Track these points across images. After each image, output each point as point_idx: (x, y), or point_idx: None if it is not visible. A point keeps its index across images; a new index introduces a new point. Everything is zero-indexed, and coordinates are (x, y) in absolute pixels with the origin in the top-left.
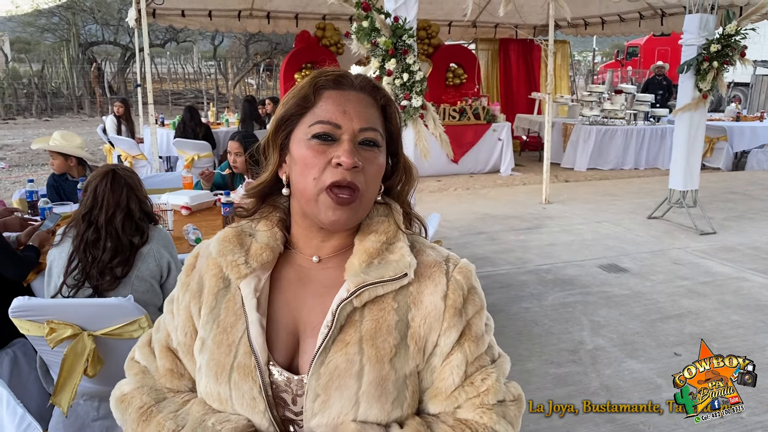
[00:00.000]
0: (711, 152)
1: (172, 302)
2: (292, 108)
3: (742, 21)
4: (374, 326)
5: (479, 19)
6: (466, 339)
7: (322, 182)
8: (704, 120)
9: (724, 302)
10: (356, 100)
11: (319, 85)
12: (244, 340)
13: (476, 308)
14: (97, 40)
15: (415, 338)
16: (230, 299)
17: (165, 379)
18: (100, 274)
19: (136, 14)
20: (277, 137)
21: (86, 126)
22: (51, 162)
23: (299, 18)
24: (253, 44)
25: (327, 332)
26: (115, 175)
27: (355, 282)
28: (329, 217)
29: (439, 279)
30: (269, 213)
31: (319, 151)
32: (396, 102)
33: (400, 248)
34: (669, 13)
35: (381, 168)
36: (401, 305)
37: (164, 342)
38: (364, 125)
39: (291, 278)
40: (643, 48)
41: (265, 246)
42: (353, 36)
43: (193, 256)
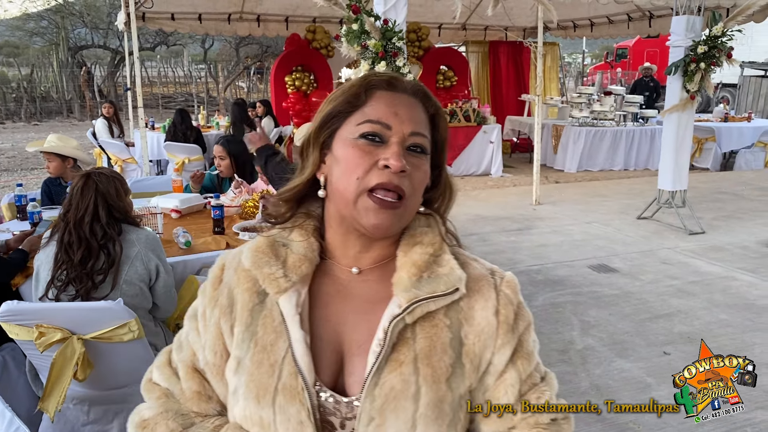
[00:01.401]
0: (699, 153)
1: (195, 318)
2: (341, 105)
3: (728, 22)
4: (428, 344)
5: (469, 22)
6: (519, 356)
7: (366, 183)
8: (692, 121)
9: (713, 301)
10: (408, 104)
11: (372, 84)
12: (288, 359)
13: (526, 323)
14: (86, 43)
15: (470, 356)
16: (267, 315)
17: (192, 402)
18: (77, 278)
19: (125, 18)
20: (319, 135)
21: (76, 130)
22: (47, 165)
23: (289, 21)
24: (244, 47)
25: (380, 351)
26: (88, 180)
27: (407, 297)
28: (371, 220)
29: (489, 293)
30: (303, 221)
31: (366, 152)
32: None
33: (447, 261)
34: (657, 15)
35: (426, 176)
36: (453, 322)
37: (189, 362)
38: (415, 129)
39: (330, 292)
40: (632, 50)
41: (303, 257)
42: (343, 39)
43: (219, 268)
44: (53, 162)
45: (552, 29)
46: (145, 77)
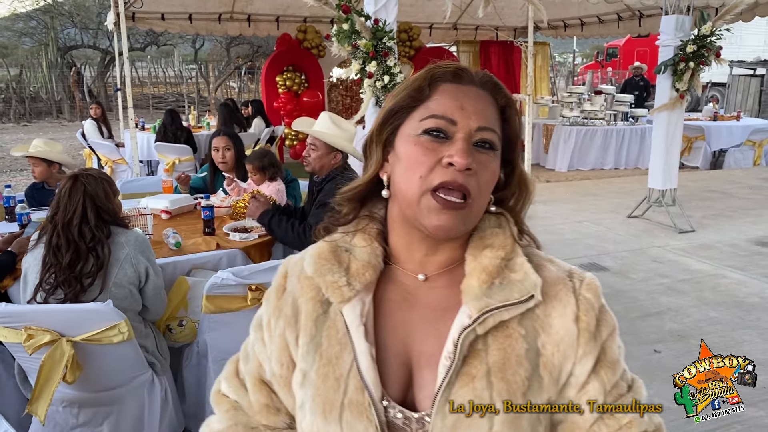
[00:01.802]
0: (689, 151)
1: (261, 328)
2: (404, 100)
3: (716, 22)
4: (502, 356)
5: (460, 22)
6: (602, 365)
7: (429, 182)
8: (682, 120)
9: (703, 299)
10: (475, 97)
11: (436, 76)
12: (354, 373)
13: (609, 330)
14: (76, 44)
15: (549, 368)
16: (331, 326)
17: (260, 415)
18: (65, 281)
19: (115, 18)
20: (382, 132)
21: (66, 131)
22: (33, 170)
23: (280, 21)
24: (235, 47)
25: (450, 364)
26: (76, 181)
27: (478, 306)
28: (433, 221)
29: (567, 299)
30: (366, 225)
31: (430, 149)
32: (377, 104)
33: (521, 265)
34: (647, 15)
35: (495, 175)
36: (528, 331)
37: (256, 373)
38: (483, 124)
39: (396, 299)
40: (623, 49)
41: (366, 264)
42: (333, 38)
43: (282, 276)
44: (39, 167)
45: (542, 29)
46: (136, 77)
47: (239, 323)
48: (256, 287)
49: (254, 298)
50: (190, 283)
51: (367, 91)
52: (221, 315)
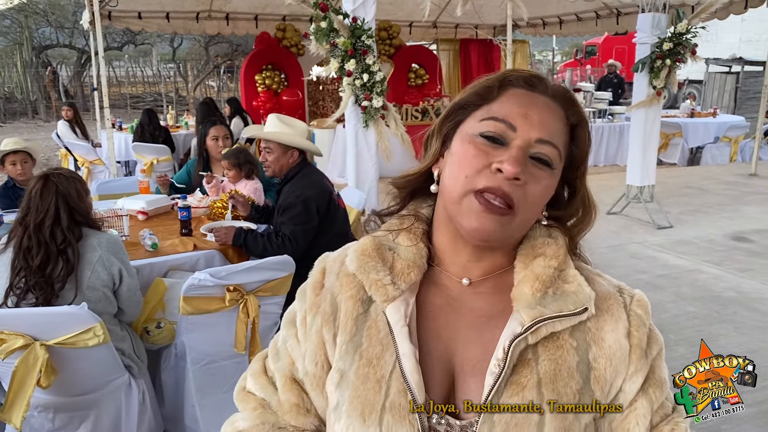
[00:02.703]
0: (667, 148)
1: (294, 325)
2: (470, 97)
3: (692, 19)
4: (553, 368)
5: (439, 20)
6: (651, 384)
7: (473, 184)
8: (659, 117)
9: (681, 294)
10: (543, 107)
11: (508, 79)
12: (396, 375)
13: (659, 348)
14: (51, 43)
15: (600, 383)
16: (372, 326)
17: (289, 415)
18: (36, 285)
19: (90, 17)
20: (444, 125)
21: (42, 131)
22: (19, 169)
23: (259, 19)
24: (213, 46)
25: (499, 372)
26: (47, 181)
27: (531, 315)
28: (471, 223)
29: (619, 314)
30: (411, 224)
31: (483, 151)
32: (357, 102)
33: (574, 276)
34: (624, 13)
35: (547, 192)
36: (580, 344)
37: (288, 371)
38: (544, 137)
39: (439, 303)
40: (602, 47)
41: (411, 264)
42: (312, 37)
43: (319, 272)
44: (27, 163)
45: (522, 27)
46: (113, 77)
47: (217, 324)
48: (234, 288)
49: (232, 299)
50: (167, 284)
51: (346, 89)
52: (199, 316)
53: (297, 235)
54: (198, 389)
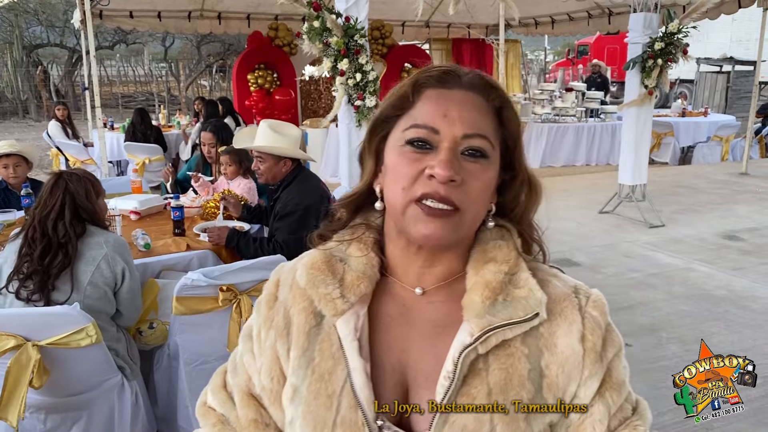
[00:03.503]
0: (658, 147)
1: (251, 339)
2: (388, 109)
3: (683, 19)
4: (504, 377)
5: (432, 19)
6: (607, 387)
7: (412, 193)
8: (651, 116)
9: (673, 293)
10: (462, 101)
11: (420, 82)
12: (347, 390)
13: (615, 349)
14: (42, 42)
15: (553, 390)
16: (324, 339)
17: (248, 430)
18: (35, 272)
19: (81, 16)
20: (371, 142)
21: (32, 131)
22: (12, 173)
23: (251, 18)
24: (206, 45)
25: (449, 384)
26: (59, 179)
27: (480, 325)
28: (420, 230)
29: (573, 316)
30: (362, 234)
31: (413, 159)
32: (350, 102)
33: (525, 280)
34: (616, 12)
35: (489, 184)
36: (532, 350)
37: (245, 387)
38: (469, 131)
39: (392, 314)
40: (593, 46)
41: (361, 275)
42: (304, 36)
43: (273, 284)
44: (20, 166)
45: (514, 27)
46: (105, 76)
47: (210, 324)
48: (227, 288)
49: (225, 299)
50: (160, 285)
51: (339, 89)
52: (192, 316)
53: (289, 243)
54: (191, 390)
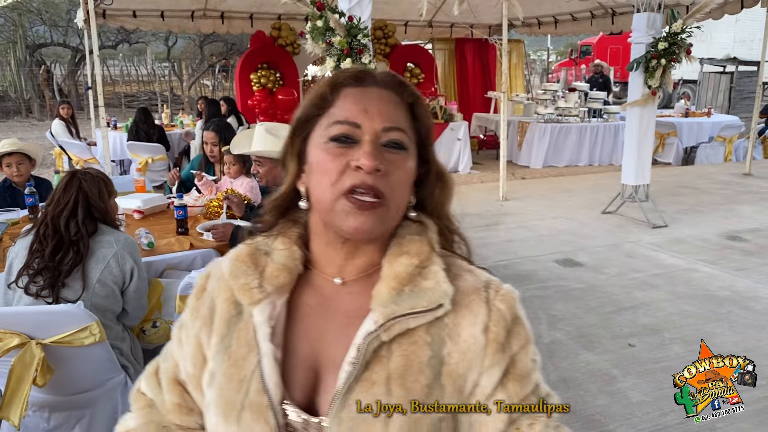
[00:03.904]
0: (662, 147)
1: (180, 328)
2: (309, 109)
3: (687, 19)
4: (404, 363)
5: (435, 19)
6: (510, 378)
7: (340, 186)
8: (654, 116)
9: (676, 293)
10: (378, 98)
11: (338, 82)
12: (257, 375)
13: (521, 342)
14: (45, 41)
15: (453, 377)
16: (243, 327)
17: (173, 414)
18: (45, 268)
19: (84, 15)
20: (293, 143)
21: (36, 130)
22: (15, 171)
23: (254, 18)
24: (208, 45)
25: (351, 370)
26: (73, 177)
27: (384, 313)
28: (350, 223)
29: (479, 309)
30: (287, 229)
31: (338, 154)
32: None
33: (434, 273)
34: (619, 12)
35: (409, 173)
36: (435, 339)
37: (172, 373)
38: (388, 124)
39: (311, 304)
40: (596, 47)
41: (282, 267)
42: (308, 35)
43: (204, 276)
44: (23, 164)
45: (517, 27)
46: (107, 76)
47: None
48: None
49: None
50: (163, 284)
51: None
52: None
53: None
54: None
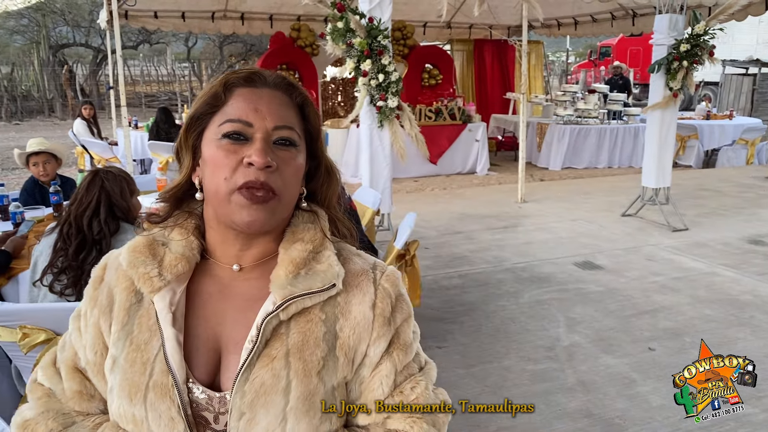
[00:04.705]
0: (683, 150)
1: (78, 318)
2: (203, 107)
3: (710, 21)
4: (301, 339)
5: (454, 20)
6: (395, 348)
7: (234, 183)
8: (675, 118)
9: (697, 297)
10: (269, 98)
11: (230, 82)
12: (160, 357)
13: (404, 316)
14: (68, 42)
15: (345, 349)
16: (144, 314)
17: (73, 401)
18: (69, 267)
19: (107, 16)
20: (188, 138)
21: (58, 129)
22: (41, 170)
23: (274, 19)
24: (228, 45)
25: (252, 348)
26: (95, 176)
27: (282, 294)
28: (244, 218)
29: (367, 288)
30: (184, 220)
31: (231, 151)
32: (372, 102)
33: (327, 257)
34: (640, 14)
35: (299, 169)
36: (329, 316)
37: (71, 362)
38: (279, 123)
39: (210, 291)
40: (616, 48)
41: (180, 256)
42: (328, 37)
43: (101, 267)
44: (50, 163)
45: (536, 28)
46: (128, 76)
47: None
48: None
49: None
50: None
51: (362, 89)
52: None
53: None
54: None
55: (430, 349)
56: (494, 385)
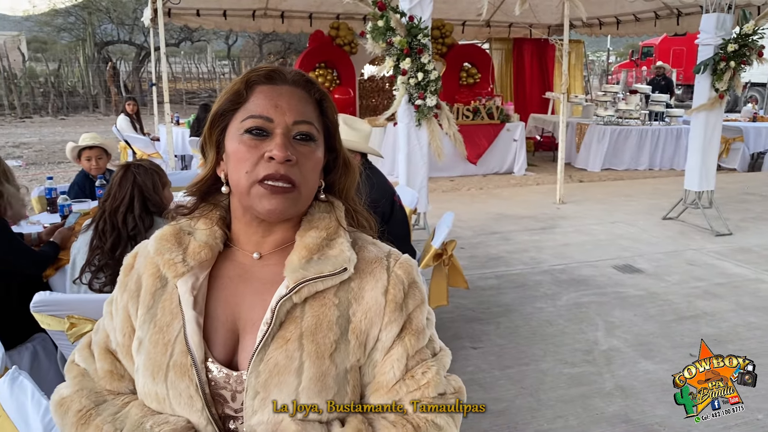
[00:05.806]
0: (727, 153)
1: (111, 303)
2: (225, 104)
3: (759, 20)
4: (315, 322)
5: (493, 19)
6: (407, 333)
7: (255, 175)
8: (720, 120)
9: (741, 304)
10: (289, 94)
11: (251, 80)
12: (180, 338)
13: (417, 302)
14: (112, 39)
15: (356, 333)
16: (167, 298)
17: (105, 381)
18: (106, 265)
19: (152, 14)
20: (212, 134)
21: (101, 125)
22: (93, 165)
23: (313, 17)
24: (267, 44)
25: (266, 329)
26: (127, 171)
27: (294, 278)
28: (265, 206)
29: (380, 275)
30: (209, 211)
31: (252, 146)
32: (410, 101)
33: (339, 244)
34: (685, 13)
35: (318, 162)
36: (342, 301)
37: (103, 344)
38: (298, 119)
39: (231, 275)
40: (658, 48)
41: (203, 244)
42: (368, 35)
43: (132, 256)
44: (102, 158)
45: (577, 27)
46: (170, 73)
47: None
48: None
49: None
50: None
51: (401, 88)
52: None
53: None
54: None
55: (465, 350)
56: (531, 388)
